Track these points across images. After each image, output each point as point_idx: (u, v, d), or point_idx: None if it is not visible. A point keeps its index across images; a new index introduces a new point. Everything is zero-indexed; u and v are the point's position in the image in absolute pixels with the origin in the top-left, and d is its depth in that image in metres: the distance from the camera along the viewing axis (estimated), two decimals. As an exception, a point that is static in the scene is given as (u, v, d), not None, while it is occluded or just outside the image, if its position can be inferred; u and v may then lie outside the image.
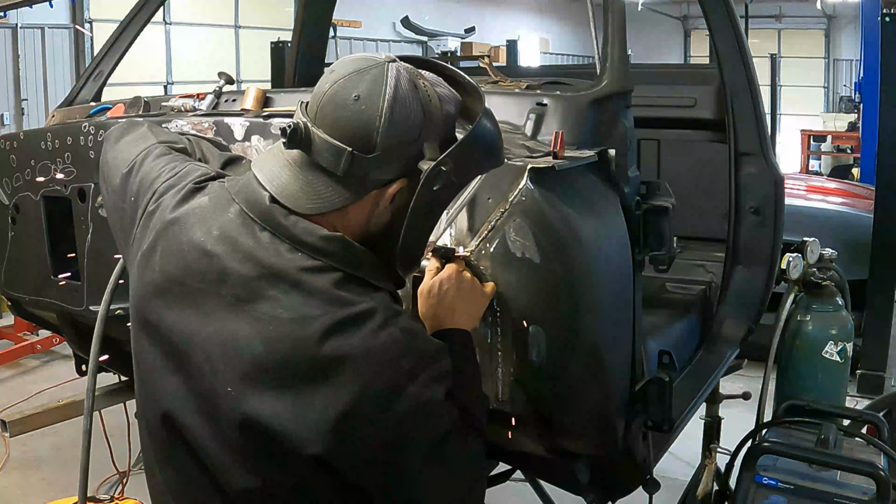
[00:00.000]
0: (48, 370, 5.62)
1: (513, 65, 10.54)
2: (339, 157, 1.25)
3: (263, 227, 1.29)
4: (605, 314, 1.70)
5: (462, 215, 1.68)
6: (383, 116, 1.25)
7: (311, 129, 1.27)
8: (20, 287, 2.63)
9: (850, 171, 11.56)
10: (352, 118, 1.25)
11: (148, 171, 1.55)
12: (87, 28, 8.43)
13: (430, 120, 1.29)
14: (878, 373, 5.09)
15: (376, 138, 1.25)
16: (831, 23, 17.81)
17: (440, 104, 1.31)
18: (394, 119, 1.25)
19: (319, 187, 1.28)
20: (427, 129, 1.29)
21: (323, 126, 1.27)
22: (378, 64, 1.28)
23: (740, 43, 2.63)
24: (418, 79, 1.30)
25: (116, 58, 2.76)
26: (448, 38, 13.45)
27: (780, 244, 2.72)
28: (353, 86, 1.26)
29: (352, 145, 1.25)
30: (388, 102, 1.25)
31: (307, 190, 1.29)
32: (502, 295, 1.65)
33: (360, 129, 1.25)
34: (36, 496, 3.84)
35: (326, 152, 1.26)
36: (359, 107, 1.25)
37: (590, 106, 1.82)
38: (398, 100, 1.26)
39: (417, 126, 1.28)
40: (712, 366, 2.59)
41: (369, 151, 1.25)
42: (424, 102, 1.29)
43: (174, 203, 1.41)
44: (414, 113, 1.27)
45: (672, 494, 2.93)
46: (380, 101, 1.25)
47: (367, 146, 1.25)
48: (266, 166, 1.33)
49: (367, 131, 1.25)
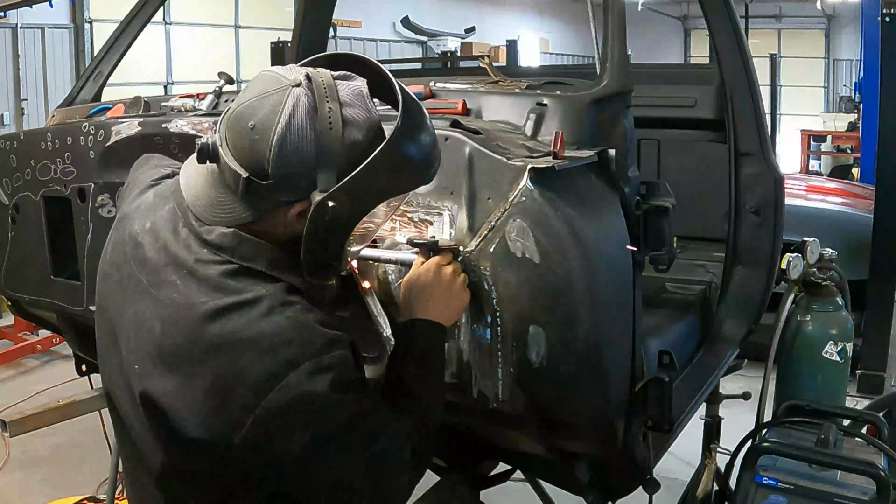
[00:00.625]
0: (48, 370, 5.63)
1: (513, 65, 10.55)
2: (237, 181, 1.31)
3: (185, 223, 1.38)
4: (605, 314, 1.70)
5: (462, 215, 1.69)
6: (273, 148, 1.28)
7: (219, 148, 1.33)
8: (20, 287, 2.63)
9: (850, 171, 11.57)
10: (247, 146, 1.30)
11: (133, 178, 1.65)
12: (87, 28, 8.44)
13: (326, 149, 1.29)
14: (878, 373, 5.10)
15: (268, 168, 1.29)
16: (831, 23, 17.82)
17: (342, 131, 1.30)
18: (283, 151, 1.28)
19: (225, 202, 1.35)
20: (321, 160, 1.29)
21: (228, 146, 1.33)
22: (280, 89, 1.30)
23: (740, 43, 2.63)
24: (325, 102, 1.30)
25: (116, 58, 2.76)
26: (448, 38, 13.46)
27: (780, 244, 2.72)
28: (252, 113, 1.30)
29: (248, 171, 1.30)
30: (279, 134, 1.27)
31: (214, 204, 1.36)
32: (502, 295, 1.65)
33: (254, 157, 1.29)
34: (36, 496, 3.85)
35: (228, 173, 1.32)
36: (252, 136, 1.29)
37: (590, 106, 1.82)
38: (290, 131, 1.28)
39: (310, 156, 1.29)
40: (712, 366, 2.59)
41: (264, 178, 1.29)
42: (322, 132, 1.29)
43: (131, 199, 1.54)
44: (306, 144, 1.28)
45: (672, 494, 2.93)
46: (271, 133, 1.28)
47: (262, 173, 1.29)
48: (188, 172, 1.42)
49: (259, 160, 1.29)
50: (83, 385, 2.99)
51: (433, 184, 1.71)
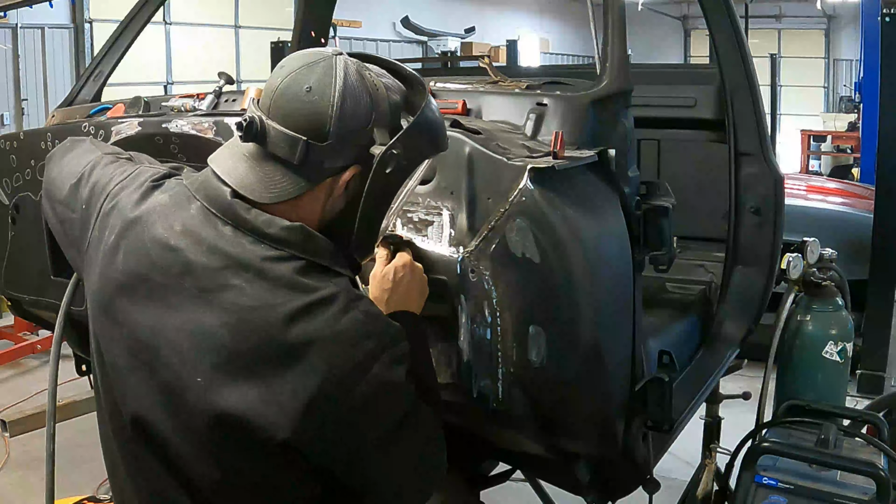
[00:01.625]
0: (48, 370, 5.62)
1: (513, 65, 10.56)
2: (294, 147, 1.30)
3: (226, 221, 1.33)
4: (605, 314, 1.70)
5: (462, 215, 1.69)
6: (335, 105, 1.30)
7: (266, 122, 1.31)
8: (20, 287, 2.63)
9: (850, 171, 11.56)
10: (305, 109, 1.30)
11: (98, 177, 1.57)
12: (87, 28, 8.44)
13: (378, 108, 1.35)
14: (878, 373, 5.10)
15: (329, 127, 1.30)
16: (831, 23, 17.82)
17: (386, 93, 1.37)
18: (345, 108, 1.31)
19: (276, 177, 1.32)
20: (376, 117, 1.34)
21: (276, 118, 1.31)
22: (326, 57, 1.34)
23: (740, 43, 2.63)
24: (364, 70, 1.36)
25: (116, 58, 2.76)
26: (448, 38, 13.46)
27: (780, 244, 2.72)
28: (304, 78, 1.32)
29: (306, 135, 1.30)
30: (339, 92, 1.31)
31: (265, 180, 1.33)
32: (502, 295, 1.65)
33: (314, 118, 1.30)
34: (36, 496, 3.84)
35: (282, 143, 1.31)
36: (311, 97, 1.31)
37: (590, 106, 1.82)
38: (348, 89, 1.31)
39: (367, 114, 1.33)
40: (712, 366, 2.58)
41: (323, 140, 1.30)
42: (372, 91, 1.34)
43: (133, 202, 1.43)
44: (363, 101, 1.33)
45: (672, 494, 2.93)
46: (331, 91, 1.30)
47: (321, 135, 1.30)
48: (223, 161, 1.37)
49: (320, 121, 1.30)
50: (83, 385, 2.99)
51: (433, 184, 1.72)
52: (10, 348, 5.77)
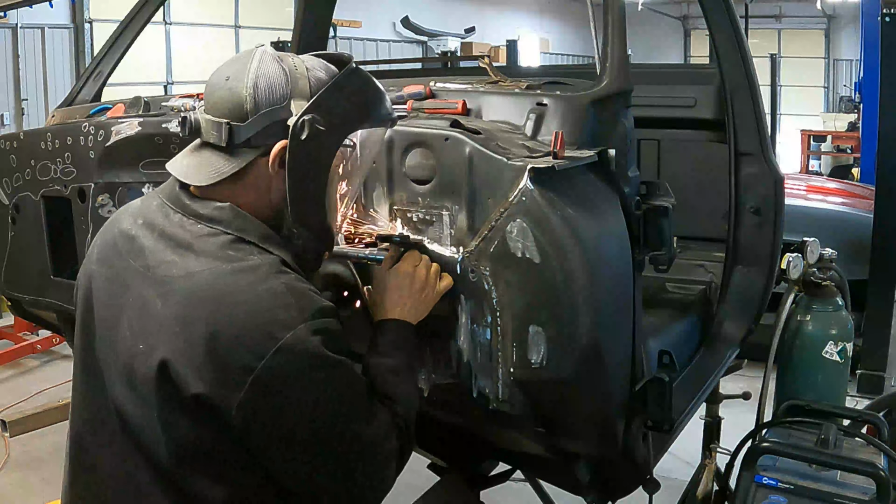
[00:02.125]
0: (48, 370, 5.63)
1: (513, 65, 10.56)
2: (219, 131, 1.41)
3: (175, 210, 1.46)
4: (605, 314, 1.70)
5: (462, 215, 1.69)
6: (247, 87, 1.41)
7: (199, 116, 1.45)
8: (20, 287, 2.63)
9: (850, 171, 11.56)
10: (224, 95, 1.43)
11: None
12: (87, 28, 8.44)
13: (297, 84, 1.44)
14: (878, 373, 5.10)
15: (247, 107, 1.41)
16: (831, 23, 17.81)
17: (306, 72, 1.45)
18: (258, 87, 1.41)
19: (212, 160, 1.43)
20: (294, 92, 1.43)
21: (207, 110, 1.45)
22: (246, 52, 1.47)
23: (740, 43, 2.62)
24: (286, 57, 1.47)
25: (116, 58, 2.76)
26: (448, 38, 13.46)
27: (780, 244, 2.71)
28: (225, 71, 1.45)
29: (228, 118, 1.41)
30: (253, 74, 1.42)
31: (201, 166, 1.44)
32: (502, 295, 1.65)
33: (232, 102, 1.42)
34: (36, 496, 3.85)
35: (211, 129, 1.43)
36: (229, 85, 1.43)
37: (590, 106, 1.82)
38: (261, 70, 1.43)
39: (283, 90, 1.42)
40: (712, 366, 2.58)
41: (243, 120, 1.41)
42: (289, 70, 1.44)
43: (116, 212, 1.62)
44: (278, 80, 1.43)
45: (672, 494, 2.93)
46: (245, 76, 1.42)
47: (241, 116, 1.41)
48: (176, 160, 1.50)
49: (237, 103, 1.41)
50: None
51: (433, 183, 1.72)
52: (10, 348, 5.77)
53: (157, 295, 1.38)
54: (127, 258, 1.46)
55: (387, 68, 3.69)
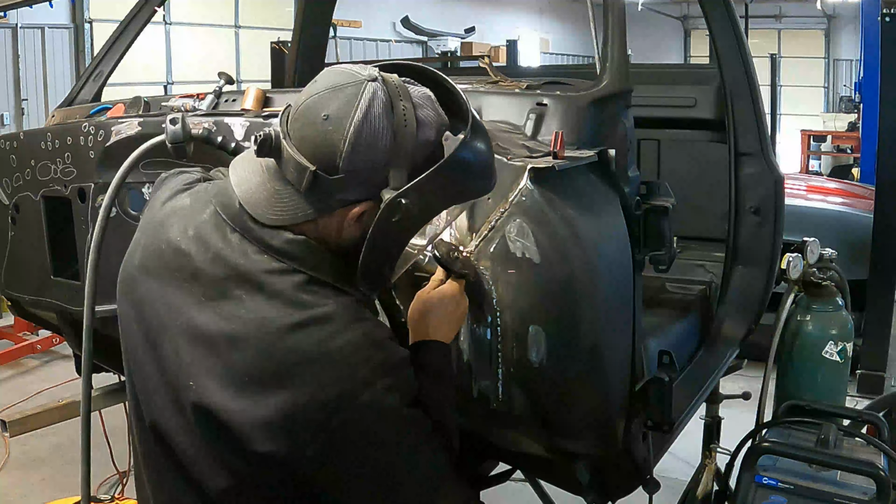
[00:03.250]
0: (48, 370, 5.62)
1: (513, 65, 10.54)
2: (302, 174, 1.25)
3: (234, 228, 1.31)
4: (605, 314, 1.70)
5: (462, 215, 1.69)
6: (347, 140, 1.23)
7: (282, 141, 1.27)
8: (20, 287, 2.63)
9: (850, 171, 11.56)
10: (318, 137, 1.24)
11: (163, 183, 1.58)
12: (87, 28, 8.44)
13: (401, 146, 1.26)
14: (878, 373, 5.09)
15: (340, 160, 1.24)
16: (831, 23, 17.80)
17: (416, 130, 1.27)
18: (359, 144, 1.23)
19: (284, 198, 1.29)
20: (396, 156, 1.26)
21: (293, 139, 1.27)
22: (357, 82, 1.26)
23: (740, 43, 2.62)
24: (399, 100, 1.27)
25: (116, 58, 2.76)
26: (448, 38, 13.45)
27: (780, 244, 2.71)
28: (326, 104, 1.25)
29: (316, 164, 1.24)
30: (356, 126, 1.23)
31: (272, 200, 1.29)
32: (502, 295, 1.65)
33: (325, 149, 1.24)
34: (36, 496, 3.84)
35: (292, 167, 1.26)
36: (326, 127, 1.24)
37: (590, 106, 1.82)
38: (367, 123, 1.23)
39: (384, 152, 1.25)
40: (712, 366, 2.58)
41: (332, 173, 1.25)
42: (398, 128, 1.26)
43: (160, 203, 1.45)
44: (382, 139, 1.25)
45: (672, 494, 2.93)
46: (347, 124, 1.23)
47: (331, 167, 1.24)
48: (240, 169, 1.35)
49: (331, 153, 1.24)
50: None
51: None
52: (10, 348, 5.77)
53: (218, 331, 1.27)
54: (178, 276, 1.33)
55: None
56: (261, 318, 1.26)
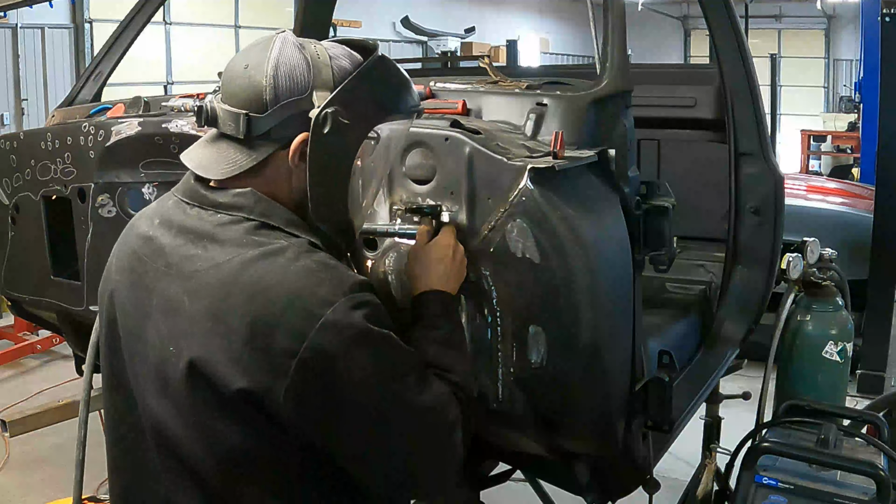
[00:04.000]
0: (48, 370, 5.63)
1: (513, 65, 10.55)
2: (237, 122, 1.35)
3: (192, 204, 1.40)
4: (605, 314, 1.70)
5: (462, 215, 1.69)
6: (267, 76, 1.34)
7: (215, 105, 1.38)
8: (20, 287, 2.63)
9: (850, 171, 11.56)
10: (243, 84, 1.36)
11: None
12: (87, 28, 8.44)
13: (319, 73, 1.37)
14: (878, 373, 5.10)
15: (266, 97, 1.34)
16: (831, 23, 17.81)
17: (330, 60, 1.39)
18: (279, 77, 1.35)
19: (230, 153, 1.38)
20: (316, 82, 1.37)
21: (224, 100, 1.38)
22: (266, 38, 1.40)
23: (740, 43, 2.62)
24: (308, 44, 1.40)
25: (116, 58, 2.76)
26: (448, 38, 13.46)
27: (780, 244, 2.71)
28: (244, 58, 1.39)
29: (247, 108, 1.35)
30: (273, 63, 1.35)
31: (219, 158, 1.38)
32: (502, 295, 1.65)
33: (251, 92, 1.35)
34: (36, 496, 3.84)
35: (229, 120, 1.36)
36: (248, 73, 1.36)
37: (590, 106, 1.82)
38: (282, 59, 1.36)
39: (304, 80, 1.36)
40: (712, 366, 2.58)
41: (262, 111, 1.35)
42: (311, 59, 1.38)
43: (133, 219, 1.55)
44: (299, 69, 1.36)
45: (672, 494, 2.93)
46: (264, 65, 1.35)
47: (260, 106, 1.35)
48: (190, 151, 1.45)
49: (256, 93, 1.35)
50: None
51: (433, 183, 1.72)
52: (10, 348, 5.77)
53: (183, 292, 1.32)
54: (147, 261, 1.39)
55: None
56: (216, 264, 1.31)
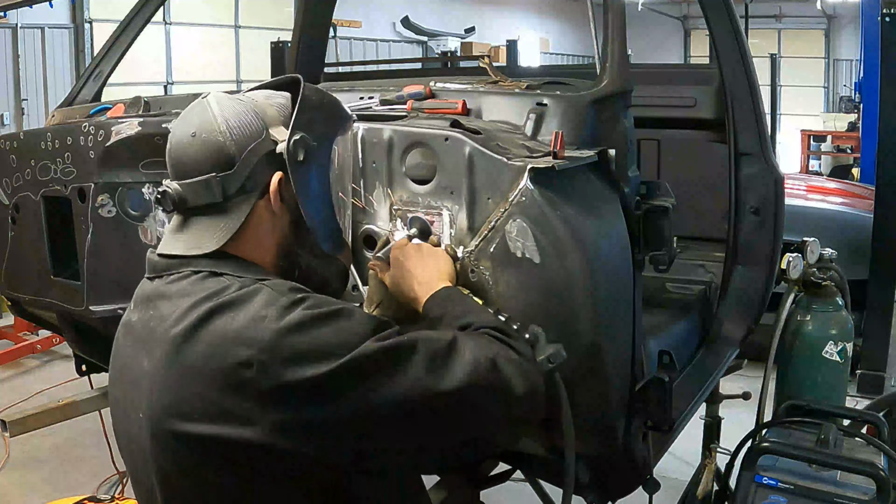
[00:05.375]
0: (48, 370, 5.63)
1: (513, 65, 10.54)
2: (210, 188, 1.34)
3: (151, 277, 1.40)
4: (605, 314, 1.70)
5: (462, 215, 1.69)
6: (223, 131, 1.34)
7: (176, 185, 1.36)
8: (20, 287, 2.63)
9: (850, 171, 11.56)
10: (199, 151, 1.35)
11: None
12: (87, 28, 8.44)
13: (266, 114, 1.39)
14: (878, 373, 5.10)
15: (230, 151, 1.34)
16: (831, 23, 17.81)
17: (266, 101, 1.42)
18: (233, 128, 1.35)
19: (213, 221, 1.36)
20: (268, 122, 1.38)
21: (184, 176, 1.36)
22: (198, 103, 1.40)
23: (740, 43, 2.62)
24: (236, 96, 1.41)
25: (116, 58, 2.76)
26: (448, 38, 13.46)
27: (780, 244, 2.71)
28: (186, 127, 1.37)
29: (212, 171, 1.34)
30: (221, 118, 1.35)
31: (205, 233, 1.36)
32: (502, 295, 1.65)
33: (212, 153, 1.34)
34: (36, 496, 3.85)
35: (200, 191, 1.34)
36: (200, 139, 1.35)
37: (590, 106, 1.82)
38: (228, 114, 1.36)
39: (256, 123, 1.37)
40: (712, 366, 2.58)
41: (231, 166, 1.34)
42: (251, 105, 1.39)
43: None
44: (247, 115, 1.37)
45: (672, 494, 2.93)
46: (214, 123, 1.35)
47: (226, 164, 1.34)
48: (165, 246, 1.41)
49: (218, 151, 1.34)
50: (83, 385, 3.00)
51: (433, 183, 1.72)
52: (10, 348, 5.77)
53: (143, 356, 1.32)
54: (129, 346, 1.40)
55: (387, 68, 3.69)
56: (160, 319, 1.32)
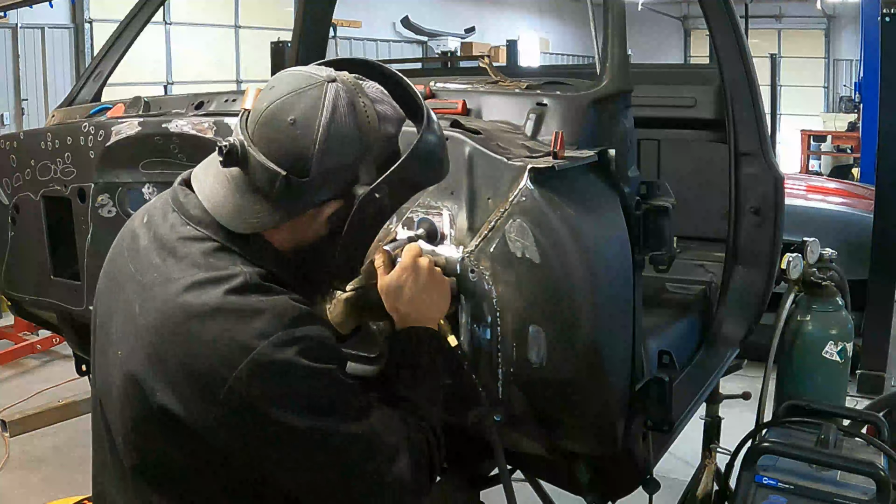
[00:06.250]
0: (48, 370, 5.62)
1: (513, 65, 10.54)
2: (273, 181, 1.25)
3: (174, 208, 1.36)
4: (605, 314, 1.70)
5: (462, 215, 1.69)
6: (318, 142, 1.25)
7: (248, 149, 1.27)
8: (20, 287, 2.63)
9: (850, 171, 11.56)
10: (287, 142, 1.25)
11: None
12: (87, 28, 8.44)
13: (367, 143, 1.29)
14: (878, 373, 5.09)
15: (311, 163, 1.25)
16: (831, 23, 17.81)
17: (378, 124, 1.30)
18: (329, 144, 1.25)
19: (255, 206, 1.29)
20: (363, 154, 1.29)
21: (259, 146, 1.27)
22: (317, 84, 1.28)
23: (740, 43, 2.62)
24: (359, 98, 1.29)
25: (116, 58, 2.76)
26: (448, 38, 13.46)
27: (780, 244, 2.71)
28: (290, 108, 1.26)
29: (286, 169, 1.25)
30: (324, 127, 1.25)
31: (242, 210, 1.30)
32: (502, 295, 1.65)
33: (295, 152, 1.25)
34: (36, 496, 3.84)
35: (261, 174, 1.26)
36: (294, 131, 1.25)
37: (590, 106, 1.82)
38: (334, 124, 1.25)
39: (353, 150, 1.28)
40: (712, 366, 2.58)
41: (303, 175, 1.25)
42: (362, 125, 1.28)
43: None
44: (350, 137, 1.27)
45: (672, 494, 2.93)
46: (315, 126, 1.25)
47: (302, 170, 1.25)
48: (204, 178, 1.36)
49: (301, 155, 1.25)
50: (83, 385, 3.00)
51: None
52: (10, 348, 5.77)
53: (137, 302, 1.31)
54: (126, 258, 1.39)
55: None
56: (166, 279, 1.30)
